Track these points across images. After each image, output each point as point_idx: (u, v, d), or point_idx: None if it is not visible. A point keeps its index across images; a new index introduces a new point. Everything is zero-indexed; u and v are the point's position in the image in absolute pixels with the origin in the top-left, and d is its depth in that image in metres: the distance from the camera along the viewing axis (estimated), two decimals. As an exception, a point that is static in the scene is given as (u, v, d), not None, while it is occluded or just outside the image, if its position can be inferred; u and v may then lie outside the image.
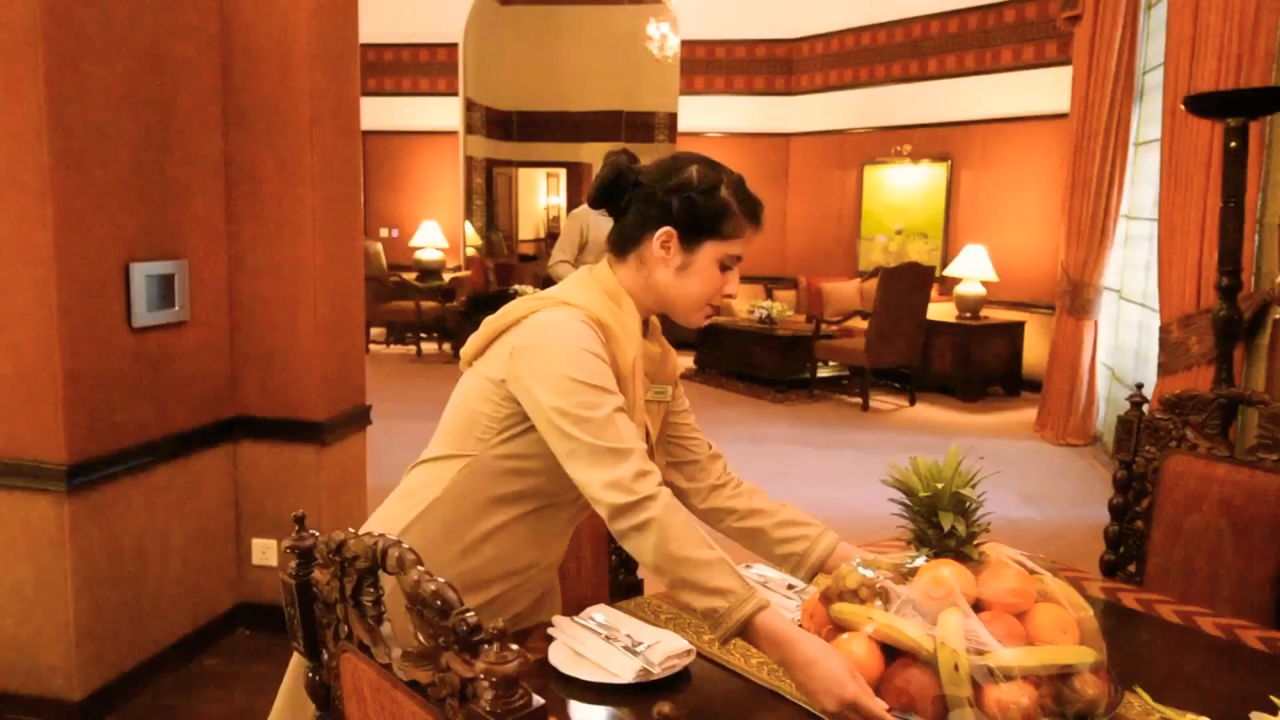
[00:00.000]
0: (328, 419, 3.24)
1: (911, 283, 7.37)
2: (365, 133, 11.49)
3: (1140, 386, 2.04)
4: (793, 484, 5.32)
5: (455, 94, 10.60)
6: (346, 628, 1.03)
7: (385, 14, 10.11)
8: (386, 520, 1.49)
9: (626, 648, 1.44)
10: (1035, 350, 7.68)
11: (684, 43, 10.22)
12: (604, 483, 1.34)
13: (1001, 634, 1.24)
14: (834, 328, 7.87)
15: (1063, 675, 1.23)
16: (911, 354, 7.55)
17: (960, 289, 7.89)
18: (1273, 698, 1.15)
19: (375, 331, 10.29)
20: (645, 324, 1.55)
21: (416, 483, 1.51)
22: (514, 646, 0.81)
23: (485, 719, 0.79)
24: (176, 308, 2.95)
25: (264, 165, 3.14)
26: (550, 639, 1.52)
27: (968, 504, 1.35)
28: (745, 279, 9.49)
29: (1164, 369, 4.56)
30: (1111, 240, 6.18)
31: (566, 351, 1.38)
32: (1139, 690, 1.26)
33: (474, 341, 1.50)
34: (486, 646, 0.81)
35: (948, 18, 8.52)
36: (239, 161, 3.15)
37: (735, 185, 1.50)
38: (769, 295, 9.30)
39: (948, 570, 1.30)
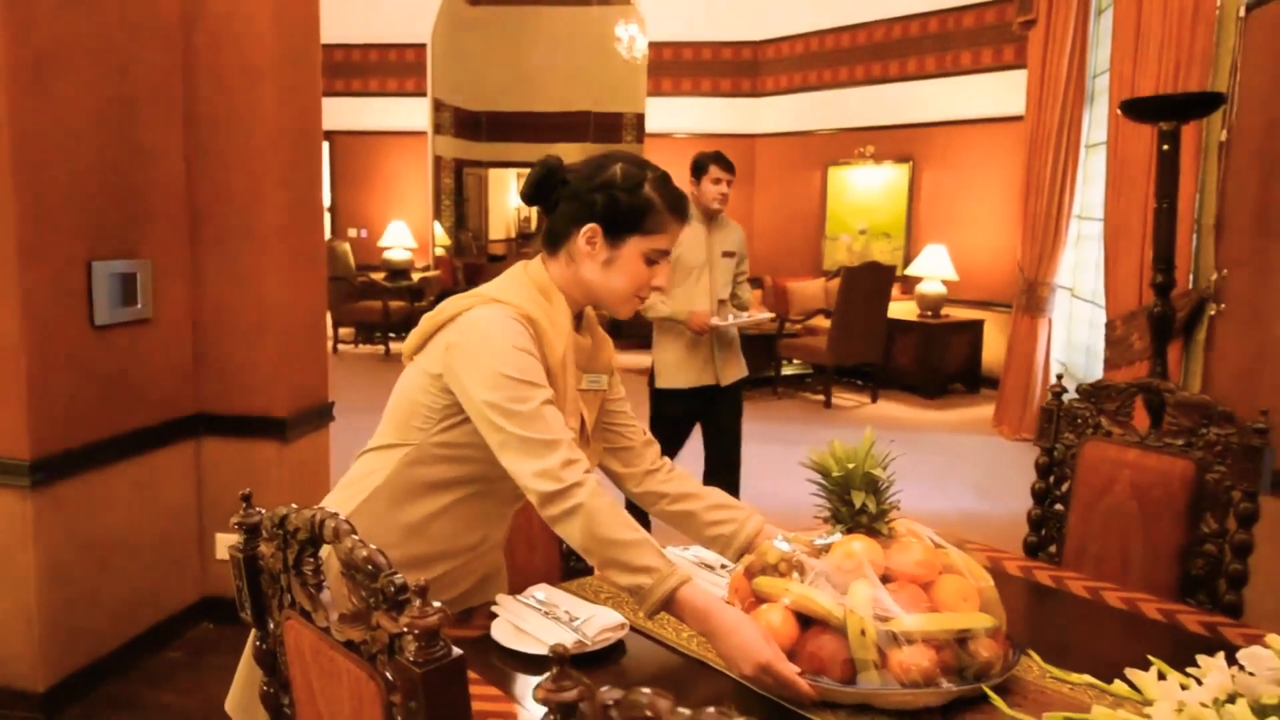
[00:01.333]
0: (289, 415, 3.30)
1: (872, 282, 7.52)
2: (334, 133, 11.46)
3: (1060, 377, 2.16)
4: (753, 479, 5.41)
5: (424, 94, 10.64)
6: (290, 596, 1.11)
7: (353, 15, 10.13)
8: (335, 505, 1.57)
9: (563, 622, 1.53)
10: (994, 348, 7.85)
11: (651, 44, 10.32)
12: (533, 472, 1.42)
13: (906, 602, 1.35)
14: (798, 326, 8.00)
15: (961, 640, 1.34)
16: (873, 352, 7.68)
17: (921, 288, 8.04)
18: (1149, 656, 1.25)
19: (344, 331, 10.30)
20: (580, 316, 1.64)
21: (362, 470, 1.59)
22: (435, 603, 0.90)
23: (409, 669, 0.88)
24: (139, 306, 3.00)
25: (226, 167, 3.20)
26: (495, 616, 1.60)
27: (879, 483, 1.44)
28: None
29: (1109, 364, 4.71)
30: (1064, 240, 6.34)
31: (497, 348, 1.46)
32: (1031, 654, 1.36)
33: (413, 337, 1.58)
34: (410, 603, 0.89)
35: (909, 21, 8.68)
36: (201, 163, 3.20)
37: (658, 182, 1.57)
38: (735, 294, 9.40)
39: (859, 545, 1.40)
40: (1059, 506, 2.10)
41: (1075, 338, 6.41)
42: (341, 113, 10.53)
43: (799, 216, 9.80)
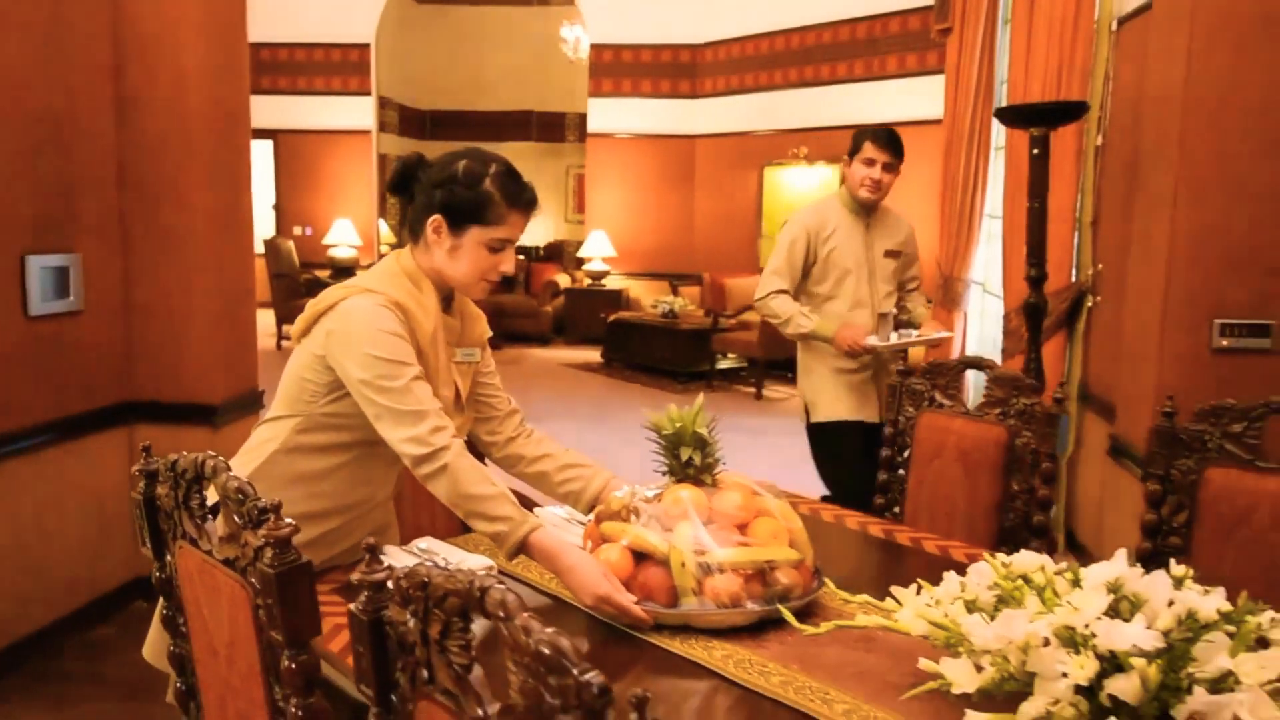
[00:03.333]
0: (220, 402, 3.48)
1: (801, 278, 7.80)
2: (278, 132, 11.48)
3: (905, 357, 2.42)
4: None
5: (368, 93, 10.77)
6: (181, 528, 1.32)
7: (298, 14, 10.24)
8: (236, 468, 1.77)
9: (439, 567, 1.75)
10: (918, 341, 8.17)
11: (593, 46, 10.55)
12: (405, 438, 1.65)
13: (721, 540, 1.59)
14: (731, 321, 8.27)
15: (766, 570, 1.58)
16: (803, 345, 7.97)
17: (849, 284, 8.34)
18: (919, 580, 1.51)
19: (288, 328, 10.38)
20: (450, 299, 1.86)
21: (260, 438, 1.81)
22: (288, 520, 1.12)
23: (265, 572, 1.10)
24: (71, 298, 3.16)
25: (155, 163, 3.36)
26: (383, 565, 1.82)
27: (705, 441, 1.69)
28: (652, 275, 9.92)
29: (1006, 353, 5.04)
30: (977, 237, 6.68)
31: (368, 333, 1.68)
32: (828, 581, 1.61)
33: (299, 322, 1.79)
34: (268, 519, 1.11)
35: (839, 26, 9.00)
36: (131, 160, 3.37)
37: (499, 177, 1.77)
38: (674, 291, 9.68)
39: (686, 492, 1.64)
40: (901, 471, 2.37)
41: (986, 330, 6.75)
42: (286, 112, 10.64)
43: (736, 215, 10.08)
